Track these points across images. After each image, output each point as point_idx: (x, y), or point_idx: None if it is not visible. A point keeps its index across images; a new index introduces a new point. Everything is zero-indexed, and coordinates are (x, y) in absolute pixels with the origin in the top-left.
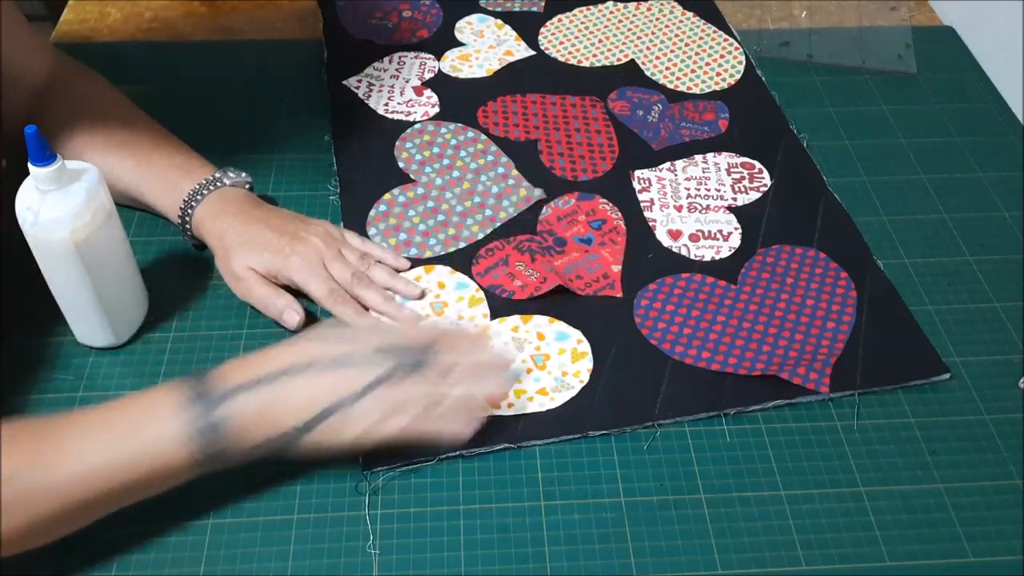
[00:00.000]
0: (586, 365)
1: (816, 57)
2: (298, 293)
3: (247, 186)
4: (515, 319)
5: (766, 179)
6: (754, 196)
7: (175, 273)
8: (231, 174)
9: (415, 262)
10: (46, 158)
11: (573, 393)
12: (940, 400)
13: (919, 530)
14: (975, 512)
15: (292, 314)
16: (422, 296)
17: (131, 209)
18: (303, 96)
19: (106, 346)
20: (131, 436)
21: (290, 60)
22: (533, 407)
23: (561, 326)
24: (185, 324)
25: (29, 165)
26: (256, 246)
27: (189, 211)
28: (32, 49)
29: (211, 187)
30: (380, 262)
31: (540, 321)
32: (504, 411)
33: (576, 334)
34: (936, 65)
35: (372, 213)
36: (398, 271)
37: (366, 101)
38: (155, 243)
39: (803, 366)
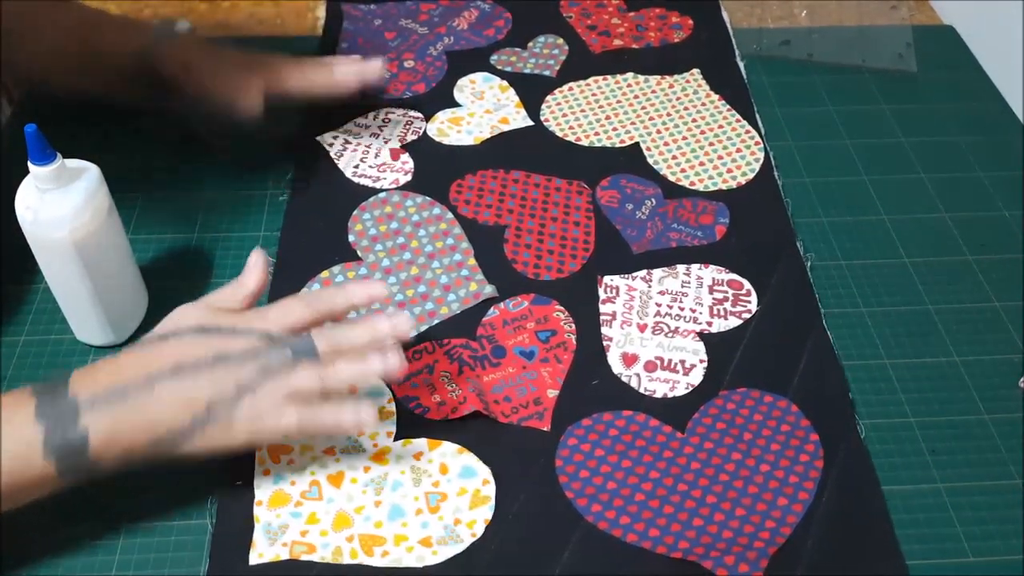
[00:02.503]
0: (484, 515)
1: (816, 56)
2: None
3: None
4: (421, 443)
5: (752, 304)
6: (733, 323)
7: (175, 272)
8: (179, 23)
9: None
10: (46, 157)
11: (460, 548)
12: (940, 400)
13: (919, 530)
14: (975, 512)
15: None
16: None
17: (130, 207)
18: None
19: (106, 344)
20: None
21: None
22: (410, 560)
23: (470, 459)
24: None
25: (29, 164)
26: (248, 62)
27: (158, 49)
28: None
29: (169, 32)
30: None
31: (448, 449)
32: (377, 561)
33: (484, 472)
34: (937, 64)
35: (303, 292)
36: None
37: (336, 161)
38: (155, 242)
39: (733, 555)
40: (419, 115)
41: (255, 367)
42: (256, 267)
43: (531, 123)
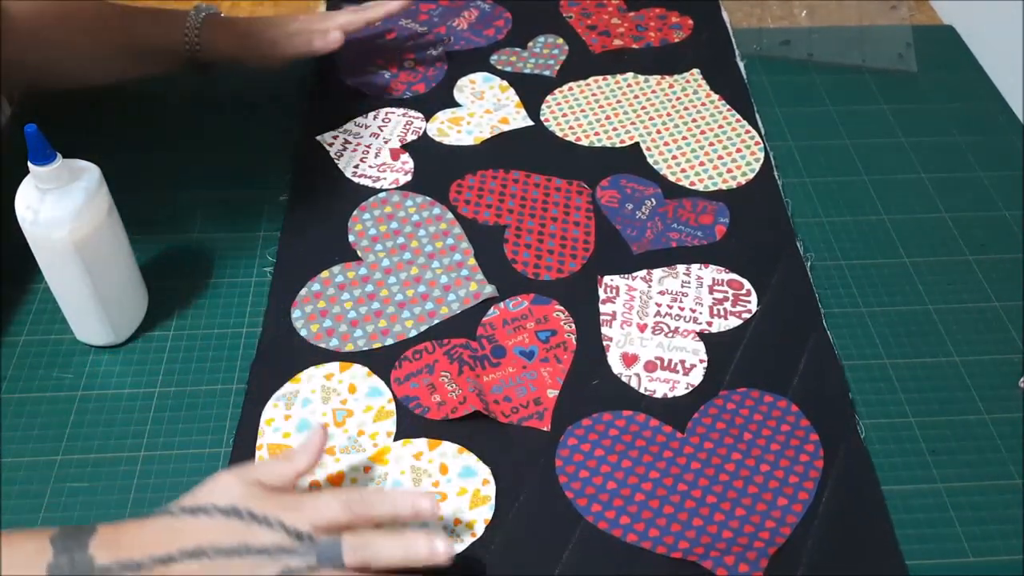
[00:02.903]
0: (484, 514)
1: (816, 56)
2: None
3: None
4: (421, 443)
5: (752, 304)
6: (733, 323)
7: (175, 272)
8: (204, 6)
9: (334, 355)
10: (46, 157)
11: (460, 548)
12: (940, 400)
13: (919, 530)
14: (975, 512)
15: (335, 33)
16: None
17: (130, 207)
18: (300, 96)
19: (106, 344)
20: None
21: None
22: None
23: (470, 459)
24: (185, 323)
25: (29, 164)
26: (281, 20)
27: (199, 37)
28: None
29: (205, 16)
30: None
31: (448, 449)
32: None
33: (484, 472)
34: (937, 64)
35: (303, 292)
36: None
37: (336, 161)
38: (155, 242)
39: (733, 555)
40: (419, 115)
41: (275, 567)
42: (312, 446)
43: (531, 123)
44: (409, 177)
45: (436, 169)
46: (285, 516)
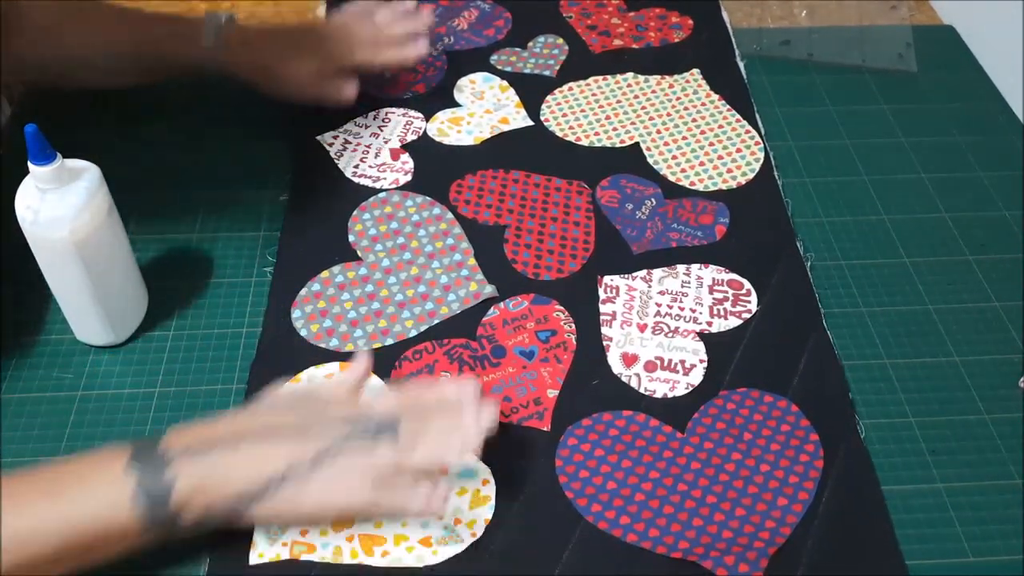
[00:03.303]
0: (484, 514)
1: (816, 56)
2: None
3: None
4: None
5: (752, 304)
6: (733, 323)
7: (175, 272)
8: (223, 14)
9: (334, 355)
10: (46, 157)
11: (460, 548)
12: (940, 400)
13: (919, 530)
14: (975, 512)
15: (351, 88)
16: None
17: (130, 207)
18: None
19: (106, 344)
20: (75, 497)
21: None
22: (410, 560)
23: (470, 459)
24: (185, 323)
25: (29, 164)
26: (299, 51)
27: (215, 51)
28: None
29: (223, 27)
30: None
31: None
32: (377, 560)
33: (484, 472)
34: (936, 64)
35: (303, 292)
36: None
37: (336, 161)
38: (155, 242)
39: (733, 554)
40: (419, 115)
41: (336, 440)
42: (360, 361)
43: (531, 123)
44: (409, 177)
45: (436, 169)
46: (345, 402)
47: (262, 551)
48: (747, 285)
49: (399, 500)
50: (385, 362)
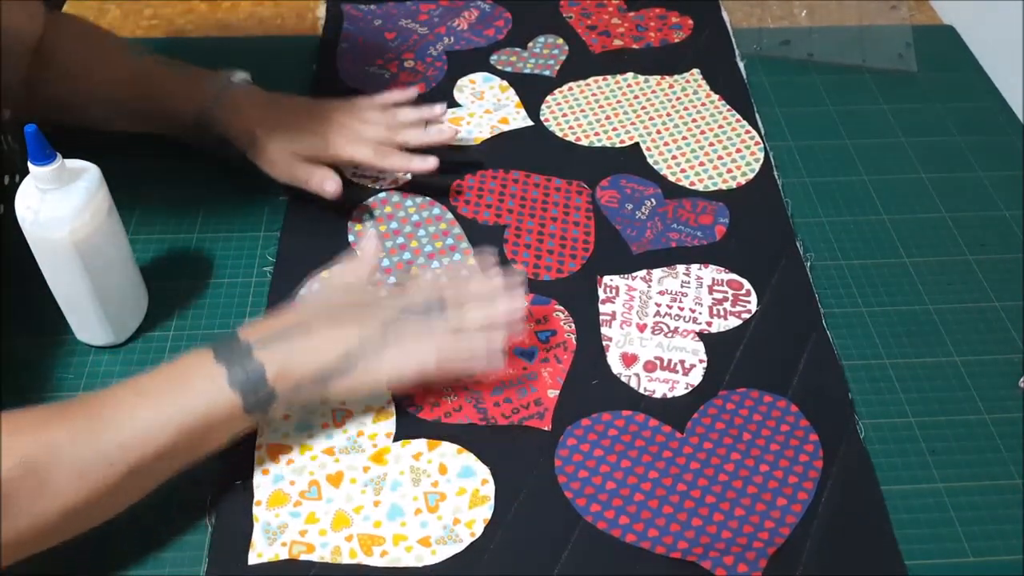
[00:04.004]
0: (483, 514)
1: (816, 56)
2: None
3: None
4: (420, 444)
5: (752, 304)
6: (733, 323)
7: (175, 272)
8: (237, 74)
9: None
10: (46, 157)
11: (459, 548)
12: (940, 400)
13: (919, 530)
14: (975, 512)
15: (332, 183)
16: (454, 135)
17: (130, 207)
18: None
19: (106, 344)
20: (177, 394)
21: (289, 57)
22: (409, 560)
23: (469, 459)
24: (185, 323)
25: (29, 164)
26: (293, 132)
27: (213, 110)
28: (23, 7)
29: (226, 88)
30: (397, 105)
31: (447, 450)
32: (376, 560)
33: (483, 472)
34: (936, 64)
35: (303, 292)
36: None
37: None
38: (155, 242)
39: (732, 554)
40: None
41: (396, 309)
42: (369, 239)
43: (531, 123)
44: (409, 177)
45: (436, 169)
46: (391, 293)
47: (261, 551)
48: (747, 285)
49: (463, 351)
50: None
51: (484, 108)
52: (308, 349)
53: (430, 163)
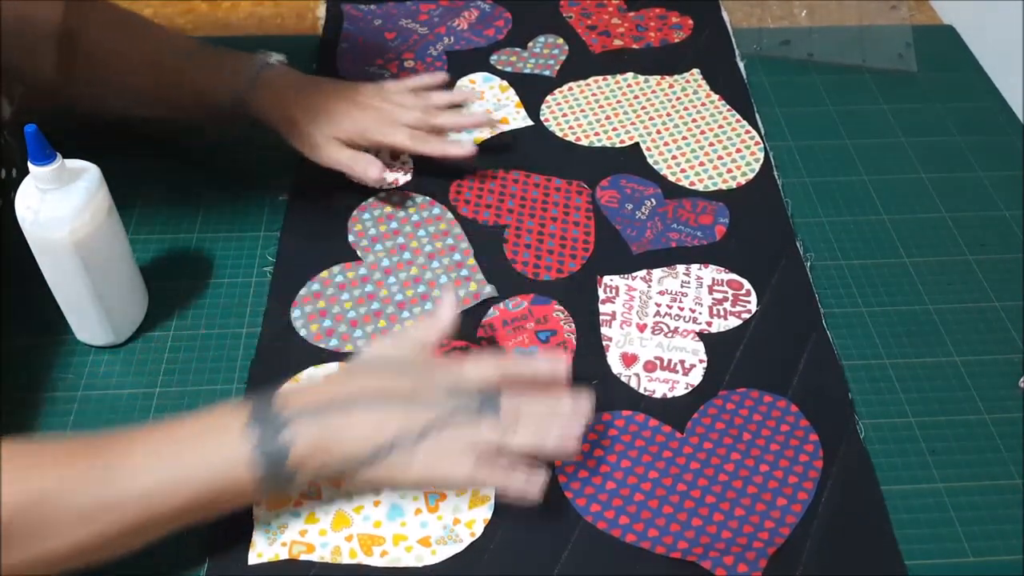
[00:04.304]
0: (483, 514)
1: (816, 56)
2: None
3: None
4: None
5: (752, 304)
6: (733, 323)
7: (175, 272)
8: (273, 56)
9: (333, 355)
10: (46, 157)
11: (459, 548)
12: (940, 400)
13: (919, 530)
14: (975, 512)
15: (375, 169)
16: (492, 125)
17: (130, 207)
18: None
19: (106, 345)
20: (196, 454)
21: (289, 57)
22: (409, 560)
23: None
24: (185, 323)
25: (29, 164)
26: (333, 116)
27: (250, 92)
28: None
29: (262, 70)
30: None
31: None
32: (376, 560)
33: None
34: (936, 64)
35: (302, 292)
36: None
37: None
38: (155, 242)
39: (732, 554)
40: None
41: (444, 411)
42: (447, 304)
43: (531, 123)
44: (409, 177)
45: (436, 169)
46: (450, 370)
47: (261, 551)
48: (747, 285)
49: (499, 478)
50: None
51: (484, 108)
52: (343, 432)
53: (467, 148)
